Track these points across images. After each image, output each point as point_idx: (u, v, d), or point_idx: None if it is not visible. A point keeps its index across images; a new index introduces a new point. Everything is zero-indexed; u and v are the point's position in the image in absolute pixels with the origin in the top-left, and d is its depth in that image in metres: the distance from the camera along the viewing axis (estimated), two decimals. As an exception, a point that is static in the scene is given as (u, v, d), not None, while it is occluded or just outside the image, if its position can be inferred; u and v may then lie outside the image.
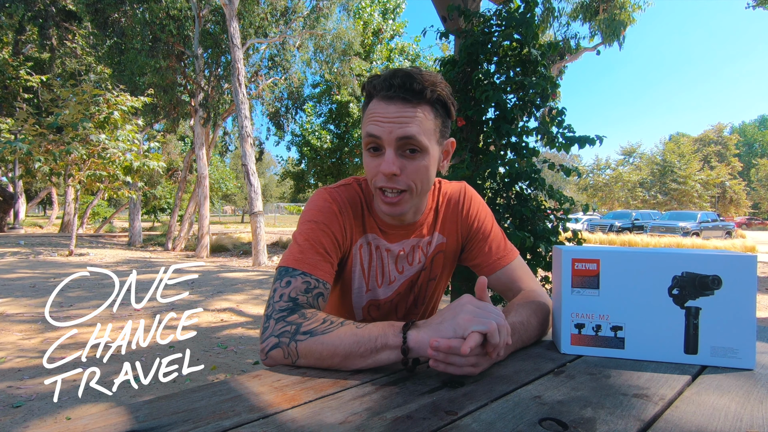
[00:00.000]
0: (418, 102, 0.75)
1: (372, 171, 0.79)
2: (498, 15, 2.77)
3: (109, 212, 23.21)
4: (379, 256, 0.90)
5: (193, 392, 0.55)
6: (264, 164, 43.67)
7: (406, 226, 0.90)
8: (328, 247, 0.80)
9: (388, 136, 0.74)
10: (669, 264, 0.68)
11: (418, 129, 0.74)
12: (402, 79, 0.74)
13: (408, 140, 0.74)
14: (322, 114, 15.42)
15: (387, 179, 0.77)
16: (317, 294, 0.76)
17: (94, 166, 8.72)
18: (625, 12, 12.12)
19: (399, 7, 16.40)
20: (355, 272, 0.89)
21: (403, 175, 0.76)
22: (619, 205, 31.02)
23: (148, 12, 10.23)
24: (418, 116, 0.74)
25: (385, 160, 0.75)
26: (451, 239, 0.95)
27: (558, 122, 2.74)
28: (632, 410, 0.52)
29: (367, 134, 0.77)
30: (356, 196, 0.88)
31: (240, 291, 5.40)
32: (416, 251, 0.92)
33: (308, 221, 0.83)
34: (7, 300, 4.46)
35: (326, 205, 0.84)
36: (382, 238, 0.89)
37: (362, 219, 0.88)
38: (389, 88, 0.74)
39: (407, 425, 0.47)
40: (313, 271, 0.77)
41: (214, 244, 11.58)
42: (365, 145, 0.79)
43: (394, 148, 0.75)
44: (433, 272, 0.95)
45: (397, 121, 0.74)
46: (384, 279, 0.91)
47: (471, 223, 0.95)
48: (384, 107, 0.75)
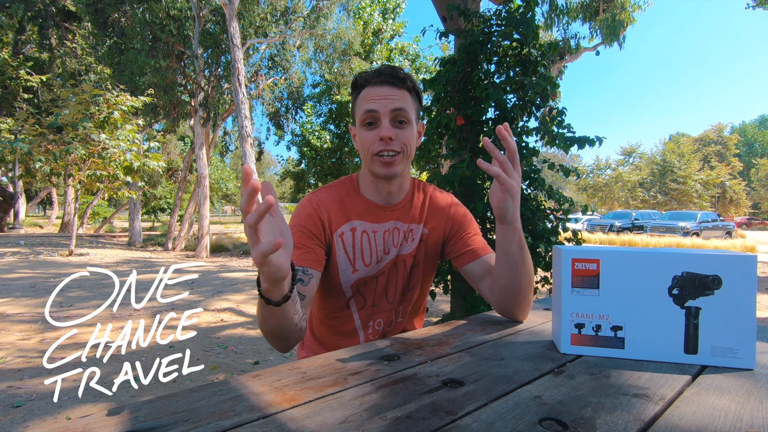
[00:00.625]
0: (402, 86, 0.94)
1: (369, 141, 0.94)
2: (498, 15, 2.78)
3: (109, 212, 23.21)
4: (367, 239, 1.01)
5: (193, 392, 0.55)
6: (264, 164, 43.70)
7: (390, 207, 1.03)
8: (307, 242, 0.94)
9: (384, 108, 0.92)
10: (669, 264, 0.68)
11: (405, 104, 0.94)
12: (389, 69, 0.95)
13: (399, 111, 0.93)
14: (322, 114, 15.40)
15: (384, 143, 0.92)
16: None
17: (94, 166, 8.72)
18: (625, 12, 12.12)
19: (399, 7, 16.38)
20: (340, 256, 1.00)
21: (396, 140, 0.93)
22: (619, 205, 31.01)
23: (148, 12, 10.22)
24: (404, 96, 0.94)
25: (383, 127, 0.92)
26: (433, 233, 1.07)
27: (558, 122, 2.74)
28: (632, 410, 0.52)
29: (365, 111, 0.93)
30: (336, 194, 1.03)
31: (240, 291, 5.40)
32: (399, 234, 1.04)
33: (291, 227, 0.96)
34: (7, 300, 4.46)
35: (302, 209, 0.99)
36: (368, 221, 1.01)
37: (342, 210, 1.01)
38: (380, 75, 0.94)
39: (407, 425, 0.47)
40: (295, 263, 0.87)
41: (214, 244, 11.58)
42: (362, 121, 0.95)
43: (389, 119, 0.93)
44: (416, 259, 1.06)
45: (390, 98, 0.93)
46: (372, 257, 1.02)
47: (455, 218, 1.07)
48: (378, 89, 0.93)
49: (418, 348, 0.76)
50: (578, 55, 13.81)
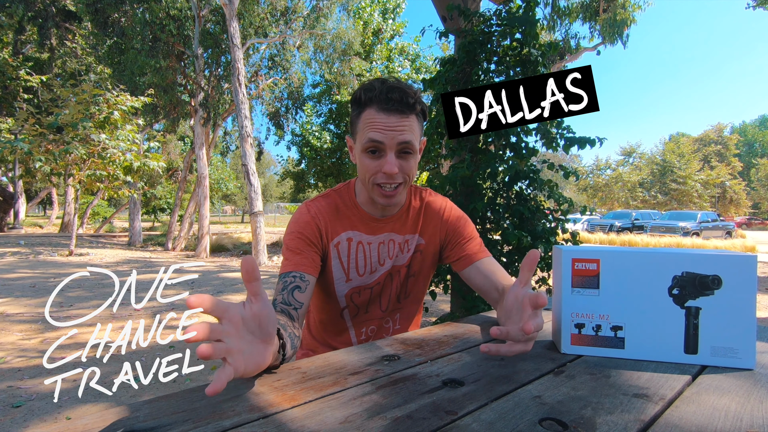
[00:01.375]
0: (410, 113, 0.88)
1: (371, 170, 0.90)
2: (498, 15, 2.78)
3: (109, 212, 23.21)
4: (361, 249, 1.01)
5: (193, 392, 0.55)
6: (264, 164, 43.67)
7: (385, 219, 1.02)
8: (304, 248, 0.95)
9: (390, 141, 0.87)
10: (669, 264, 0.68)
11: (412, 135, 0.89)
12: (399, 94, 0.86)
13: (405, 145, 0.88)
14: (322, 114, 15.41)
15: (387, 177, 0.89)
16: (292, 288, 0.87)
17: (94, 166, 8.71)
18: (625, 12, 12.12)
19: (399, 7, 16.37)
20: (335, 266, 1.00)
21: (399, 172, 0.90)
22: (619, 205, 31.00)
23: (148, 12, 10.22)
24: (411, 125, 0.89)
25: (388, 162, 0.88)
26: (430, 241, 1.06)
27: (557, 123, 2.74)
28: (632, 410, 0.52)
29: (369, 140, 0.88)
30: (332, 203, 1.02)
31: (240, 291, 5.40)
32: (394, 245, 1.04)
33: (288, 233, 0.98)
34: (7, 300, 4.46)
35: (300, 216, 0.99)
36: (363, 232, 1.01)
37: (339, 220, 1.00)
38: (387, 101, 0.86)
39: (407, 425, 0.47)
40: (294, 268, 0.90)
41: (214, 244, 11.58)
42: (365, 148, 0.90)
43: (395, 152, 0.89)
44: (412, 269, 1.06)
45: (397, 129, 0.87)
46: (366, 268, 1.02)
47: (451, 224, 1.06)
48: (384, 117, 0.87)
49: (418, 348, 0.76)
50: (578, 55, 13.81)
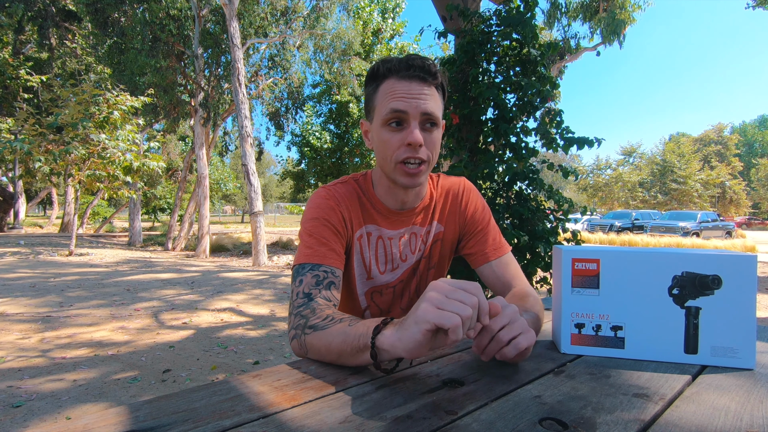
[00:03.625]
0: (432, 82, 0.82)
1: (395, 144, 0.82)
2: (497, 15, 2.77)
3: (109, 212, 23.21)
4: (382, 245, 0.95)
5: (193, 392, 0.55)
6: (264, 164, 43.69)
7: (406, 212, 0.95)
8: (330, 238, 0.86)
9: (414, 110, 0.80)
10: (669, 264, 0.68)
11: (435, 105, 0.82)
12: (419, 59, 0.81)
13: (429, 116, 0.81)
14: (322, 114, 15.41)
15: (412, 150, 0.81)
16: (328, 283, 0.80)
17: (94, 166, 8.72)
18: (625, 12, 12.12)
19: (399, 7, 16.39)
20: (356, 260, 0.94)
21: (423, 146, 0.82)
22: (619, 205, 31.01)
23: (148, 12, 10.22)
24: (433, 94, 0.82)
25: (413, 132, 0.80)
26: (449, 229, 0.99)
27: (556, 123, 2.74)
28: (632, 410, 0.51)
29: (392, 110, 0.80)
30: (353, 191, 0.94)
31: (240, 291, 5.40)
32: (417, 239, 0.97)
33: (310, 219, 0.88)
34: (7, 300, 4.46)
35: (323, 201, 0.90)
36: (383, 227, 0.94)
37: (360, 211, 0.93)
38: (408, 68, 0.80)
39: (407, 425, 0.47)
40: (322, 261, 0.82)
41: (214, 244, 11.58)
42: (387, 120, 0.82)
43: (419, 122, 0.81)
44: (432, 260, 1.00)
45: (420, 97, 0.80)
46: (387, 266, 0.96)
47: (469, 215, 0.99)
48: (406, 85, 0.80)
49: (418, 348, 0.76)
50: (578, 55, 13.81)
